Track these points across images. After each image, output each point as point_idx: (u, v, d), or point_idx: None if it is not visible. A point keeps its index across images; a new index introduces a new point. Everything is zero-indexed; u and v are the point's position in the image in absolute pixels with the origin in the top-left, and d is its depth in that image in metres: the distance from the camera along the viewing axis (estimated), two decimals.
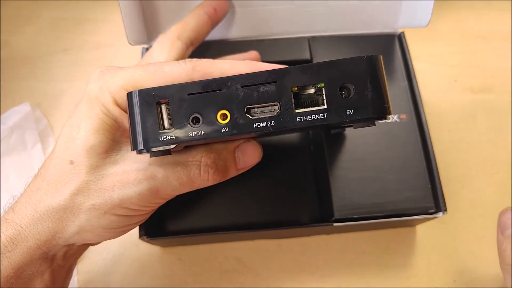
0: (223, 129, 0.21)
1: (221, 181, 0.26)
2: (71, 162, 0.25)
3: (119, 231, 0.27)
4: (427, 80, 0.50)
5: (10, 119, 0.47)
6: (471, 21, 0.55)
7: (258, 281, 0.41)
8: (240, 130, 0.21)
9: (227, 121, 0.21)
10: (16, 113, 0.48)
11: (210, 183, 0.26)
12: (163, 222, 0.36)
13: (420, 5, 0.36)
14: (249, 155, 0.27)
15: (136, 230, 0.34)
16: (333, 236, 0.42)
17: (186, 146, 0.24)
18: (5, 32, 0.54)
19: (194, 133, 0.21)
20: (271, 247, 0.42)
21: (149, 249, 0.42)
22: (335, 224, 0.34)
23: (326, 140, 0.35)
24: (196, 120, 0.22)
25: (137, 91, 0.22)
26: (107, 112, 0.25)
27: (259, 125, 0.21)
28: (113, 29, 0.53)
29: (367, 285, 0.41)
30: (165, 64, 0.26)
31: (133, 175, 0.25)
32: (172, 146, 0.22)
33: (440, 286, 0.41)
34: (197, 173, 0.25)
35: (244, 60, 0.33)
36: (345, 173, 0.34)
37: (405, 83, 0.37)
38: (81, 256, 0.31)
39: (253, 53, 0.37)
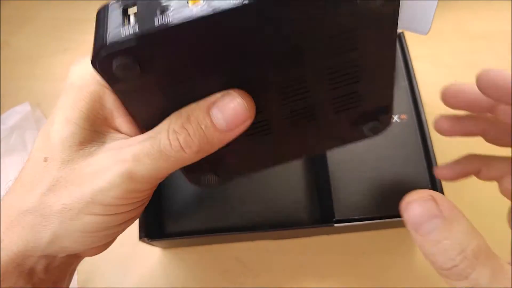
0: (195, 10, 0.18)
1: (206, 151, 0.22)
2: (45, 159, 0.22)
3: (101, 235, 0.23)
4: (427, 80, 0.50)
5: (10, 119, 0.47)
6: (471, 21, 0.55)
7: (258, 282, 0.41)
8: (217, 7, 0.18)
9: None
10: (16, 113, 0.48)
11: (188, 155, 0.21)
12: (164, 224, 0.36)
13: (421, 13, 0.36)
14: (231, 111, 0.21)
15: (136, 231, 0.34)
16: (333, 237, 0.42)
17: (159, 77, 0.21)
18: (5, 32, 0.54)
19: (161, 20, 0.18)
20: (272, 247, 0.42)
21: (149, 249, 0.42)
22: (336, 225, 0.34)
23: None
24: (165, 9, 0.18)
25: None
26: (83, 97, 0.22)
27: None
28: None
29: (368, 285, 0.41)
30: None
31: (103, 163, 0.21)
32: (135, 43, 0.18)
33: (440, 286, 0.41)
34: (167, 143, 0.21)
35: None
36: (346, 173, 0.34)
37: (405, 83, 0.37)
38: None
39: None
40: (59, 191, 0.22)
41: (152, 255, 0.42)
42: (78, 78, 0.23)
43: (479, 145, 0.47)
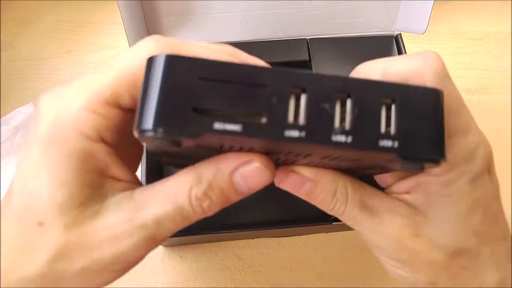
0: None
1: (223, 207, 0.22)
2: (40, 224, 0.20)
3: (113, 280, 0.23)
4: None
5: (14, 120, 0.48)
6: (467, 22, 0.55)
7: (258, 279, 0.41)
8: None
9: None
10: (20, 114, 0.48)
11: (210, 214, 0.21)
12: None
13: (418, 12, 0.37)
14: (253, 179, 0.21)
15: None
16: (331, 234, 0.43)
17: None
18: (9, 33, 0.54)
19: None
20: (271, 245, 0.42)
21: None
22: (334, 223, 0.34)
23: None
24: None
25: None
26: (72, 154, 0.19)
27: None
28: (116, 31, 0.54)
29: (366, 283, 0.41)
30: (120, 54, 0.20)
31: (122, 228, 0.20)
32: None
33: None
34: (190, 210, 0.20)
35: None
36: None
37: None
38: None
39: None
40: (70, 256, 0.20)
41: (153, 252, 0.42)
42: (58, 131, 0.19)
43: None
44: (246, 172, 0.20)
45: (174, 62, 0.17)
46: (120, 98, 0.20)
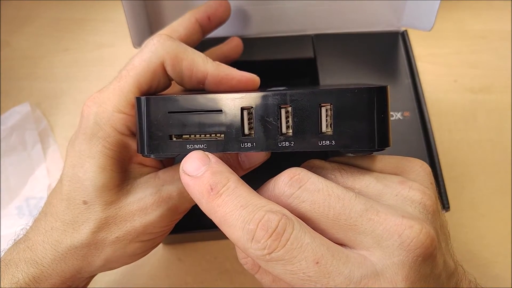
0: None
1: None
2: (85, 202, 0.25)
3: (142, 255, 0.28)
4: (428, 80, 0.51)
5: (10, 119, 0.47)
6: (471, 21, 0.55)
7: (258, 282, 0.41)
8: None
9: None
10: (16, 113, 0.48)
11: None
12: None
13: (424, 9, 0.36)
14: (253, 157, 0.26)
15: None
16: None
17: None
18: (5, 32, 0.54)
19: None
20: None
21: None
22: None
23: None
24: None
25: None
26: (110, 146, 0.25)
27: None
28: (113, 29, 0.54)
29: None
30: (134, 58, 0.26)
31: (150, 200, 0.25)
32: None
33: None
34: None
35: (224, 50, 0.35)
36: None
37: (408, 80, 0.37)
38: None
39: (235, 40, 0.36)
40: (108, 227, 0.25)
41: (151, 254, 0.41)
42: (98, 129, 0.25)
43: (478, 144, 0.48)
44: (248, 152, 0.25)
45: (150, 102, 0.23)
46: None
